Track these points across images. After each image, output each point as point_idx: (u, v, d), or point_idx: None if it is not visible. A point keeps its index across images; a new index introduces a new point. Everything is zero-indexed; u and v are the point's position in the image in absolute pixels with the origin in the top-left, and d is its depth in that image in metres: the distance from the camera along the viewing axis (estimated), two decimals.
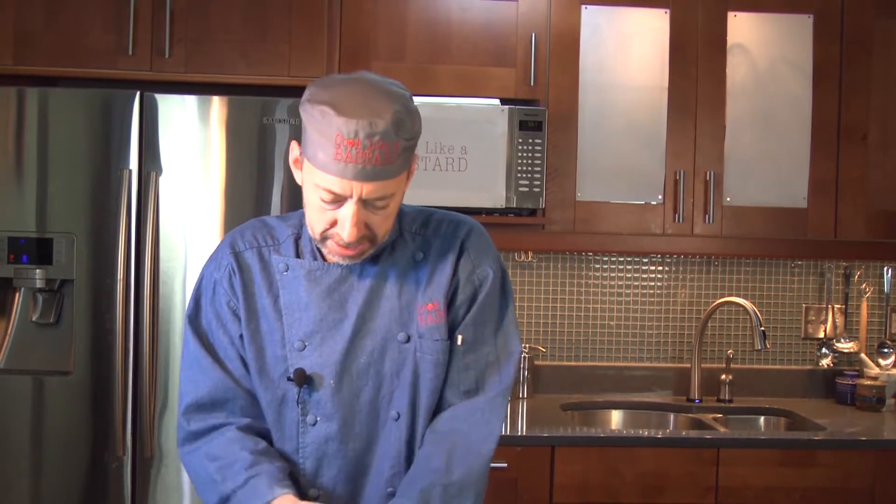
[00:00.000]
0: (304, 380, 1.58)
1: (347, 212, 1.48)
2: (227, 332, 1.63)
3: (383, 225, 1.54)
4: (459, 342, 1.61)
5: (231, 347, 1.63)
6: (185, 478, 2.61)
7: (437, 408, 1.63)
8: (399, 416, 1.61)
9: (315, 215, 1.53)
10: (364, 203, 1.48)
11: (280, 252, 1.63)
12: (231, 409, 1.63)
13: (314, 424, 1.60)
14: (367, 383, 1.60)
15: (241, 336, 1.62)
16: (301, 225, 1.64)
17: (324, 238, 1.53)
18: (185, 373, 1.66)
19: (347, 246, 1.51)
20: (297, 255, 1.63)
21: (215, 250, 1.69)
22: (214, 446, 1.60)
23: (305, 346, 1.59)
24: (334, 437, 1.60)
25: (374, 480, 1.63)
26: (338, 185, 1.46)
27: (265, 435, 1.64)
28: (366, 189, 1.46)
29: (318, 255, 1.61)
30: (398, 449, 1.62)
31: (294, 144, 1.58)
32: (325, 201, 1.49)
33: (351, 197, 1.47)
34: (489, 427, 1.61)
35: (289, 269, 1.61)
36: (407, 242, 1.63)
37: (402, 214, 1.66)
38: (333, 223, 1.51)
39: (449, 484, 1.54)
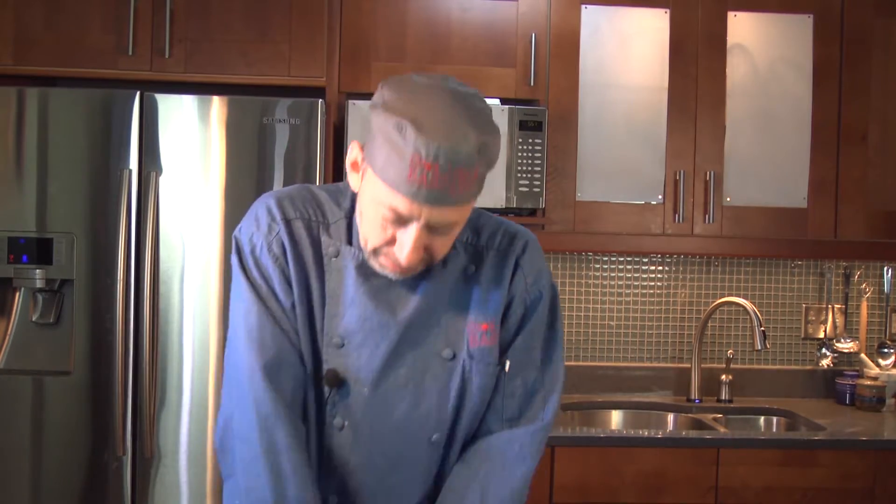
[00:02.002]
0: (335, 381, 1.45)
1: (409, 235, 1.35)
2: (278, 301, 1.45)
3: (443, 249, 1.42)
4: (507, 368, 1.51)
5: (284, 317, 1.45)
6: (185, 477, 2.61)
7: (476, 433, 1.54)
8: (439, 440, 1.49)
9: (372, 230, 1.39)
10: (429, 227, 1.35)
11: (330, 234, 1.47)
12: (293, 374, 1.44)
13: (341, 429, 1.48)
14: (404, 399, 1.47)
15: (293, 306, 1.45)
16: (353, 210, 1.48)
17: (376, 252, 1.41)
18: (248, 335, 1.44)
19: (401, 268, 1.40)
20: (349, 243, 1.47)
21: (255, 211, 1.50)
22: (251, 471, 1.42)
23: (344, 344, 1.45)
24: (359, 449, 1.48)
25: (399, 502, 1.52)
26: (405, 206, 1.32)
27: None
28: (435, 214, 1.33)
29: None
30: (431, 472, 1.51)
31: (355, 146, 1.42)
32: (386, 219, 1.35)
33: (417, 220, 1.33)
34: (525, 464, 1.51)
35: (339, 256, 1.45)
36: (459, 253, 1.50)
37: None
38: (391, 241, 1.38)
39: None
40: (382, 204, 1.34)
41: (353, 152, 1.42)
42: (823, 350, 3.39)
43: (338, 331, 1.46)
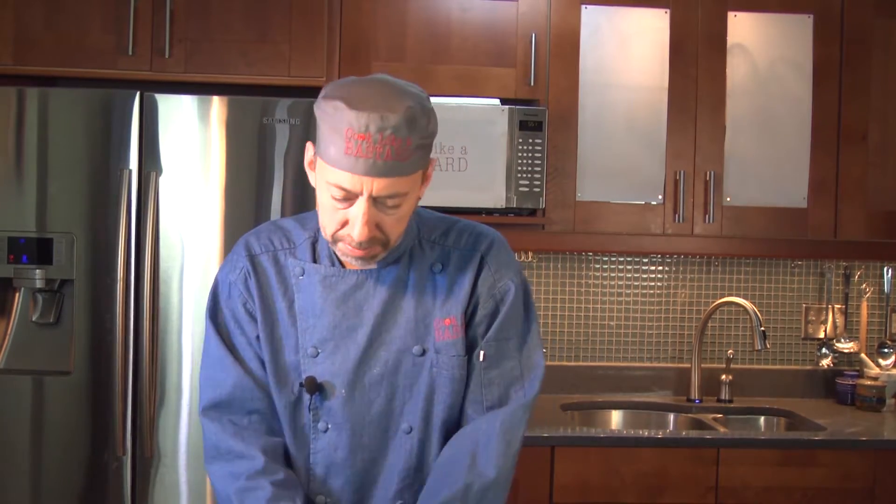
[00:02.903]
0: (315, 388, 1.56)
1: (358, 210, 1.45)
2: (244, 333, 1.61)
3: (396, 227, 1.50)
4: (481, 358, 1.58)
5: (249, 348, 1.61)
6: (185, 477, 2.61)
7: (459, 423, 1.61)
8: (411, 430, 1.58)
9: (327, 216, 1.50)
10: (375, 201, 1.45)
11: (296, 256, 1.60)
12: (251, 409, 1.60)
13: (325, 431, 1.58)
14: (379, 394, 1.57)
15: (257, 337, 1.60)
16: (318, 228, 1.61)
17: (335, 240, 1.51)
18: (205, 371, 1.64)
19: (359, 246, 1.48)
20: (314, 260, 1.60)
21: (230, 254, 1.66)
22: (238, 455, 1.57)
23: (318, 353, 1.57)
24: (343, 446, 1.58)
25: (381, 493, 1.60)
26: (348, 180, 1.43)
27: (286, 460, 1.61)
28: (377, 185, 1.43)
29: (336, 259, 1.58)
30: (408, 462, 1.59)
31: (309, 146, 1.55)
32: (335, 199, 1.46)
33: (361, 194, 1.43)
34: (508, 437, 1.57)
35: (304, 274, 1.58)
36: (425, 252, 1.60)
37: (422, 222, 1.63)
38: (345, 223, 1.48)
39: (470, 491, 1.53)
40: (330, 184, 1.45)
41: (308, 152, 1.55)
42: (823, 350, 3.39)
43: (312, 342, 1.57)
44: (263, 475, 1.55)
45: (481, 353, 1.58)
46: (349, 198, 1.45)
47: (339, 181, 1.44)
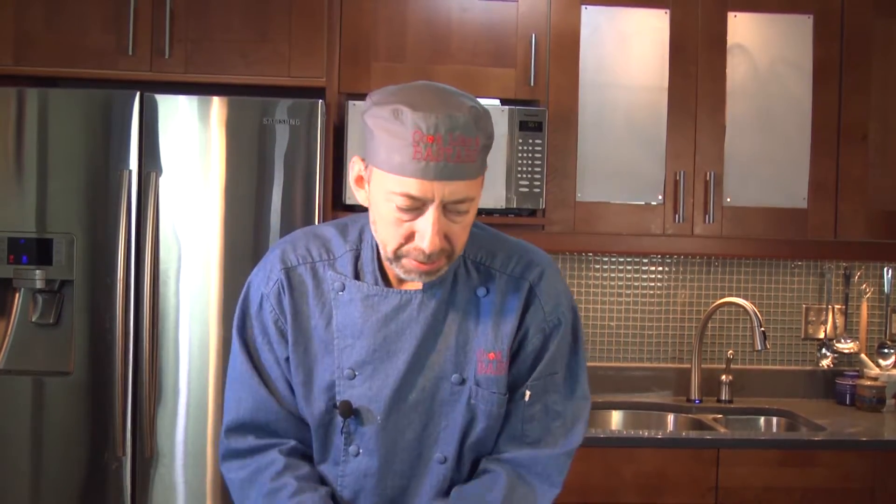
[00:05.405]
0: (349, 412, 1.49)
1: (428, 220, 1.35)
2: (272, 351, 1.53)
3: (461, 237, 1.41)
4: (526, 398, 1.50)
5: (276, 367, 1.53)
6: (185, 477, 2.61)
7: (488, 452, 1.55)
8: (445, 460, 1.51)
9: (389, 230, 1.39)
10: (444, 209, 1.36)
11: (336, 269, 1.51)
12: (273, 430, 1.55)
13: (356, 456, 1.52)
14: (413, 421, 1.50)
15: (286, 358, 1.53)
16: (361, 240, 1.53)
17: (399, 256, 1.41)
18: (230, 387, 1.57)
19: (427, 259, 1.38)
20: (357, 276, 1.51)
21: (263, 260, 1.57)
22: (257, 471, 1.53)
23: (356, 376, 1.49)
24: (374, 473, 1.52)
25: None
26: (417, 187, 1.33)
27: (308, 457, 1.57)
28: (448, 190, 1.34)
29: (379, 276, 1.50)
30: (439, 492, 1.52)
31: (356, 160, 1.45)
32: (401, 209, 1.36)
33: (432, 201, 1.34)
34: (550, 482, 1.51)
35: (345, 290, 1.49)
36: (470, 274, 1.51)
37: (468, 239, 1.50)
38: (410, 236, 1.38)
39: None
40: (394, 194, 1.35)
41: (354, 167, 1.45)
42: (823, 350, 3.39)
43: (349, 363, 1.49)
44: (287, 473, 1.51)
45: (527, 392, 1.50)
46: (417, 207, 1.36)
47: (408, 189, 1.34)
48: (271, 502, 1.49)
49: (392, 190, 1.36)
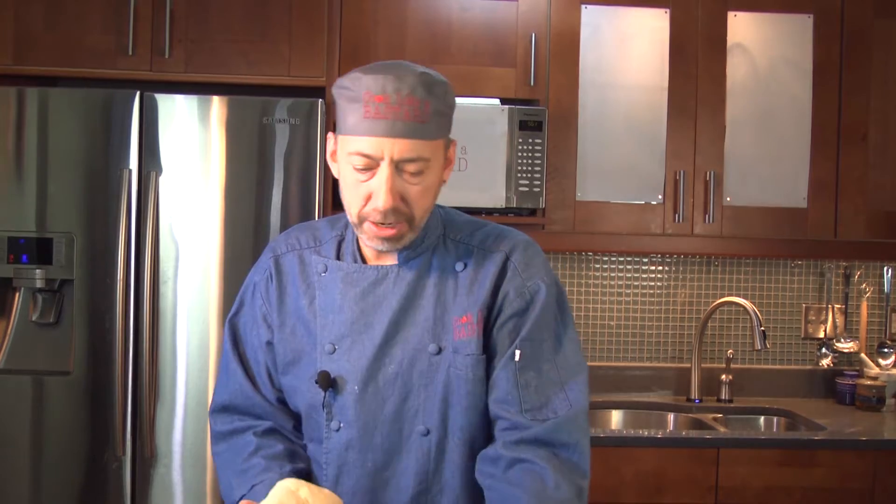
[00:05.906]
0: (328, 383, 1.53)
1: (381, 177, 1.43)
2: (258, 336, 1.62)
3: (420, 201, 1.47)
4: (517, 357, 1.51)
5: (259, 351, 1.62)
6: (184, 477, 2.61)
7: (481, 427, 1.54)
8: (428, 432, 1.52)
9: (350, 193, 1.48)
10: (397, 168, 1.43)
11: (321, 253, 1.60)
12: (251, 413, 1.63)
13: (337, 430, 1.55)
14: (393, 393, 1.52)
15: (268, 343, 1.60)
16: (347, 226, 1.60)
17: (361, 220, 1.48)
18: (219, 371, 1.69)
19: (384, 220, 1.45)
20: (338, 258, 1.59)
21: (262, 254, 1.69)
22: (234, 452, 1.60)
23: (335, 350, 1.54)
24: (355, 446, 1.54)
25: (394, 497, 1.55)
26: (369, 145, 1.42)
27: (285, 438, 1.62)
28: (398, 148, 1.42)
29: (359, 256, 1.57)
30: (425, 466, 1.53)
31: (330, 136, 1.55)
32: (357, 170, 1.44)
33: (383, 159, 1.42)
34: (580, 453, 1.49)
35: (327, 271, 1.57)
36: (449, 250, 1.57)
37: (450, 221, 1.61)
38: (369, 197, 1.45)
39: None
40: (350, 154, 1.44)
41: (329, 144, 1.55)
42: (823, 350, 3.39)
43: (329, 338, 1.55)
44: (257, 454, 1.58)
45: (517, 351, 1.51)
46: (371, 166, 1.44)
47: (360, 148, 1.43)
48: (241, 482, 1.56)
49: (349, 149, 1.45)
